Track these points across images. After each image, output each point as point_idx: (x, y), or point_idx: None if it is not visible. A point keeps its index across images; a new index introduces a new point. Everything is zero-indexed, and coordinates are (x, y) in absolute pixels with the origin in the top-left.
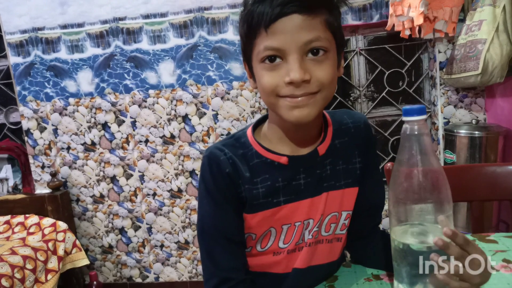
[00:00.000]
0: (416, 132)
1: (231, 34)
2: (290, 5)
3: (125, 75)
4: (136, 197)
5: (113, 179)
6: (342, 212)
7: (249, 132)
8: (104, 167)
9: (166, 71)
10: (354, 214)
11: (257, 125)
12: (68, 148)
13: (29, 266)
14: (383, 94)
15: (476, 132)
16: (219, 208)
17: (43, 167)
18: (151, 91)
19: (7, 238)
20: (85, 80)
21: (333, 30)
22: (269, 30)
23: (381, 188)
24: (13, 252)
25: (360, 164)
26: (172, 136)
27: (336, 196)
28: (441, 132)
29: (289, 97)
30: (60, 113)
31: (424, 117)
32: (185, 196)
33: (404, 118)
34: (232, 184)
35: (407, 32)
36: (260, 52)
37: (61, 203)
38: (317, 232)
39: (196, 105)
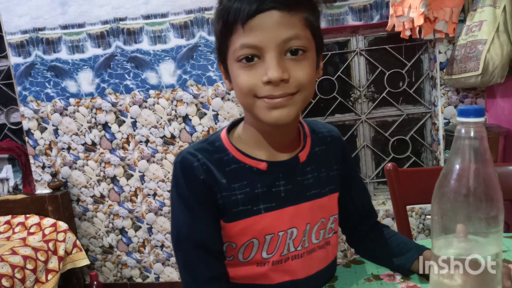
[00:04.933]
0: (471, 136)
1: None
2: (268, 1)
3: (126, 75)
4: (137, 197)
5: (114, 179)
6: (330, 217)
7: (223, 135)
8: (104, 167)
9: (167, 72)
10: (350, 221)
11: (231, 128)
12: (69, 148)
13: (29, 266)
14: (384, 94)
15: None
16: (195, 216)
17: (43, 167)
18: (151, 92)
19: (8, 238)
20: (85, 80)
21: (313, 29)
22: (246, 27)
23: (365, 189)
24: (14, 252)
25: (338, 171)
26: (173, 137)
27: (322, 204)
28: (441, 133)
29: (267, 97)
30: (61, 113)
31: (482, 119)
32: None
33: (459, 119)
34: (208, 192)
35: (408, 33)
36: (236, 50)
37: (61, 203)
38: (305, 242)
39: (196, 105)
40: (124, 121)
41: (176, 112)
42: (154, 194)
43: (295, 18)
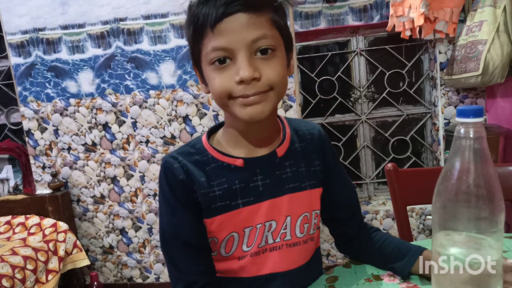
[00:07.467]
0: (471, 136)
1: None
2: (234, 4)
3: (126, 75)
4: (137, 198)
5: (114, 179)
6: (312, 212)
7: (204, 138)
8: (104, 167)
9: (167, 72)
10: (336, 217)
11: (212, 131)
12: (69, 148)
13: (29, 266)
14: (384, 94)
15: None
16: (177, 215)
17: (43, 167)
18: (151, 92)
19: (8, 239)
20: (85, 80)
21: (280, 29)
22: (215, 30)
23: (350, 186)
24: (14, 253)
25: (320, 167)
26: (173, 137)
27: (303, 197)
28: (441, 133)
29: (241, 97)
30: (61, 114)
31: (481, 119)
32: None
33: (458, 120)
34: (187, 191)
35: (408, 33)
36: (208, 54)
37: (61, 204)
38: (285, 234)
39: (196, 105)
40: (124, 122)
41: (176, 112)
42: (155, 195)
43: (261, 19)
